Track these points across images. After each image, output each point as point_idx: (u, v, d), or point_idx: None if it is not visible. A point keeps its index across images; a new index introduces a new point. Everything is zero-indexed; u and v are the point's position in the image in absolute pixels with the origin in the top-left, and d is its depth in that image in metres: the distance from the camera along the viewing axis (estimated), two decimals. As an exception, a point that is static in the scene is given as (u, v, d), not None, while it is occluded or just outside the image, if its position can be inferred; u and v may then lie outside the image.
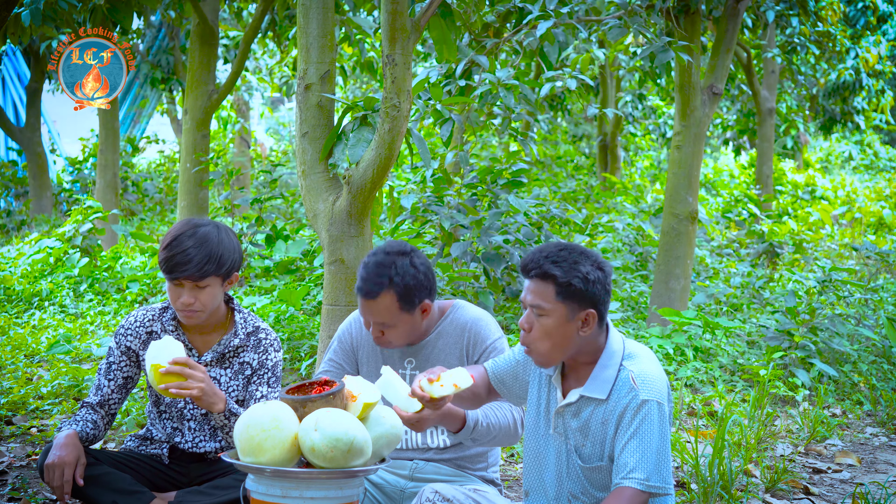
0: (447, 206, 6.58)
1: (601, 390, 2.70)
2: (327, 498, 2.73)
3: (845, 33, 11.73)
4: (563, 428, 2.79)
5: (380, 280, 3.12)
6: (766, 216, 12.12)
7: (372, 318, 3.14)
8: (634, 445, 2.62)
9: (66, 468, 3.07)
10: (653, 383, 2.68)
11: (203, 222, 3.24)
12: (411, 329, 3.19)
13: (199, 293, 3.18)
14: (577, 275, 2.64)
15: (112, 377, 3.33)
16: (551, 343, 2.68)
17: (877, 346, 6.76)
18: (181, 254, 3.14)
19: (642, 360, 2.73)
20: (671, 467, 2.68)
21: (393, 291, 3.11)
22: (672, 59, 5.55)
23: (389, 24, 4.14)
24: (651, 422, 2.63)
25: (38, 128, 12.77)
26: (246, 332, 3.33)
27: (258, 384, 3.31)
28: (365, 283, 3.13)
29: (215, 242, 3.19)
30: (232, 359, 3.32)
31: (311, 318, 6.82)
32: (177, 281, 3.17)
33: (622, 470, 2.63)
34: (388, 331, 3.15)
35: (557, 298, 2.65)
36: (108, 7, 5.80)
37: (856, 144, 21.60)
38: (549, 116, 15.10)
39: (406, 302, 3.13)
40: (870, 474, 4.65)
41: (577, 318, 2.67)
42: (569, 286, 2.64)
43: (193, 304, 3.18)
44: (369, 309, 3.13)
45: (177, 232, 3.19)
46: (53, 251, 8.85)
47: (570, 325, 2.67)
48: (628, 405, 2.66)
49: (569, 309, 2.66)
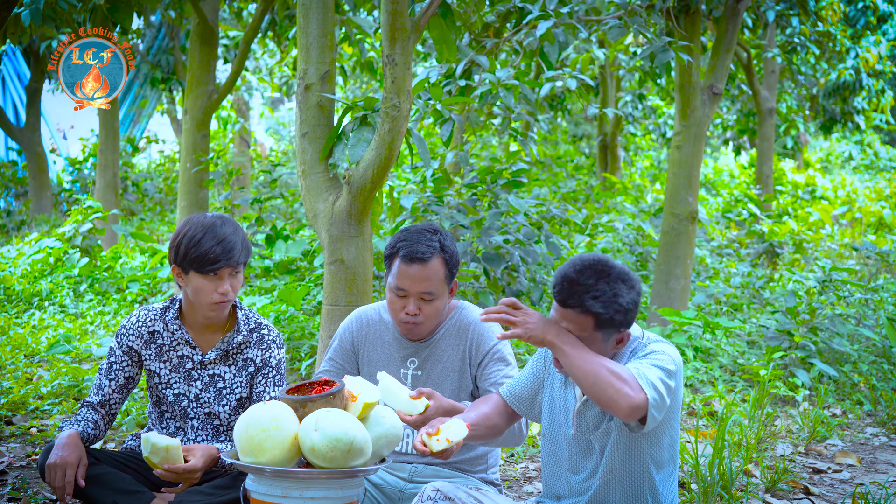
0: (447, 206, 6.58)
1: None
2: (327, 498, 2.73)
3: (845, 33, 11.73)
4: (584, 426, 2.80)
5: (430, 242, 3.07)
6: (766, 216, 12.12)
7: (421, 286, 3.06)
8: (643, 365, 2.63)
9: (67, 469, 3.07)
10: (661, 348, 2.71)
11: (217, 217, 3.26)
12: (444, 308, 3.15)
13: (233, 281, 3.21)
14: (618, 308, 2.64)
15: (113, 377, 3.33)
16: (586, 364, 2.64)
17: (877, 346, 6.77)
18: (225, 241, 3.15)
19: (658, 341, 2.76)
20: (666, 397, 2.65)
21: (442, 256, 3.09)
22: (672, 59, 5.55)
23: (389, 24, 4.14)
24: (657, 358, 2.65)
25: (38, 128, 12.77)
26: (248, 329, 3.34)
27: (265, 385, 3.31)
28: (416, 246, 3.05)
29: (240, 233, 3.23)
30: (235, 356, 3.33)
31: (311, 318, 6.83)
32: (217, 272, 3.17)
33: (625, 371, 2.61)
34: (427, 306, 3.09)
35: (596, 330, 2.67)
36: (108, 7, 5.80)
37: (856, 144, 21.59)
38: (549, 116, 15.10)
39: (451, 270, 3.11)
40: (870, 474, 4.65)
41: (613, 339, 2.71)
42: (611, 321, 2.65)
43: (229, 292, 3.20)
44: (419, 275, 3.05)
45: (206, 224, 3.18)
46: (53, 251, 8.85)
47: (606, 347, 2.70)
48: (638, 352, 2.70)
49: (605, 335, 2.69)
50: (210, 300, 3.20)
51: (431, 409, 2.88)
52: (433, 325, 3.16)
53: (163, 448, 3.04)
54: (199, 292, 3.20)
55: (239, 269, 3.22)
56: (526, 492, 4.24)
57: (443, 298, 3.13)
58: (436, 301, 3.11)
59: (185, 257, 3.17)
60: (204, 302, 3.21)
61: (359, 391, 2.89)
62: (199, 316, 3.27)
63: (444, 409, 2.92)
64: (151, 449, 3.04)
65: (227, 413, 3.32)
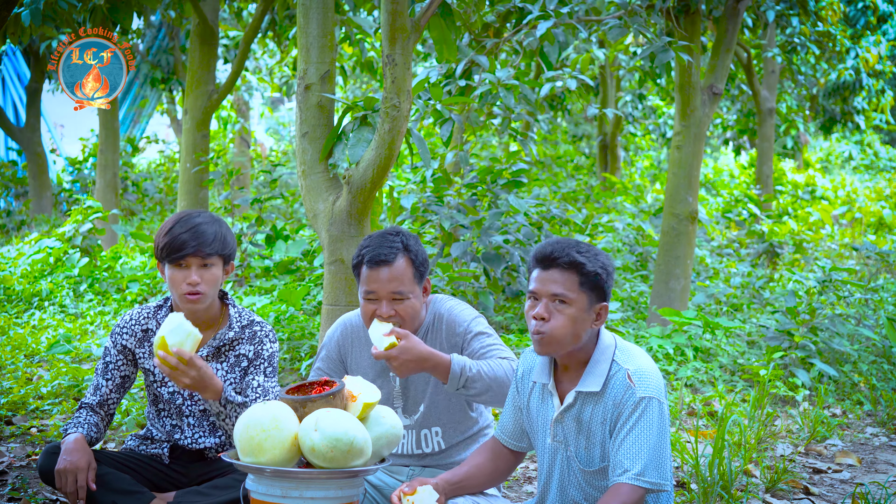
0: (447, 206, 6.58)
1: (595, 383, 2.71)
2: (327, 498, 2.73)
3: (845, 33, 11.73)
4: (562, 436, 2.80)
5: (393, 245, 3.11)
6: (766, 216, 12.13)
7: (389, 287, 3.09)
8: (630, 442, 2.62)
9: (78, 473, 3.07)
10: (650, 380, 2.68)
11: (197, 212, 3.28)
12: (419, 306, 3.16)
13: (204, 273, 3.20)
14: (600, 265, 2.68)
15: (110, 377, 3.33)
16: (569, 332, 2.69)
17: (877, 346, 6.76)
18: (193, 228, 3.17)
19: (636, 357, 2.73)
20: (670, 464, 2.67)
21: (407, 256, 3.12)
22: (672, 59, 5.55)
23: (389, 24, 4.14)
24: (649, 418, 2.63)
25: (38, 128, 12.77)
26: (241, 325, 3.33)
27: (255, 374, 3.30)
28: (378, 250, 3.10)
29: (215, 226, 3.24)
30: (227, 352, 3.32)
31: (311, 318, 6.82)
32: (184, 261, 3.17)
33: (618, 468, 2.63)
34: (400, 307, 3.11)
35: (581, 288, 2.67)
36: (108, 7, 5.80)
37: (856, 144, 21.59)
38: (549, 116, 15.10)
39: (418, 269, 3.14)
40: (870, 474, 4.65)
41: (593, 309, 2.70)
42: (595, 276, 2.67)
43: (199, 284, 3.18)
44: (386, 276, 3.09)
45: (175, 219, 3.23)
46: (53, 251, 8.85)
47: (587, 317, 2.70)
48: (625, 403, 2.66)
49: (589, 299, 2.69)
50: (180, 291, 3.20)
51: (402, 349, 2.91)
52: (413, 325, 3.16)
53: (186, 332, 3.03)
54: (171, 283, 3.22)
55: (210, 262, 3.20)
56: (526, 492, 4.24)
57: (416, 298, 3.14)
58: (408, 301, 3.12)
59: (160, 247, 3.20)
60: (177, 294, 3.22)
61: (359, 391, 2.89)
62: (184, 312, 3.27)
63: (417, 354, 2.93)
64: (176, 328, 3.01)
65: None
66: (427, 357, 2.95)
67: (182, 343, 3.03)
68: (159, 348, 3.02)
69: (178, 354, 3.01)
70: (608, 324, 7.03)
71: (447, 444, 3.25)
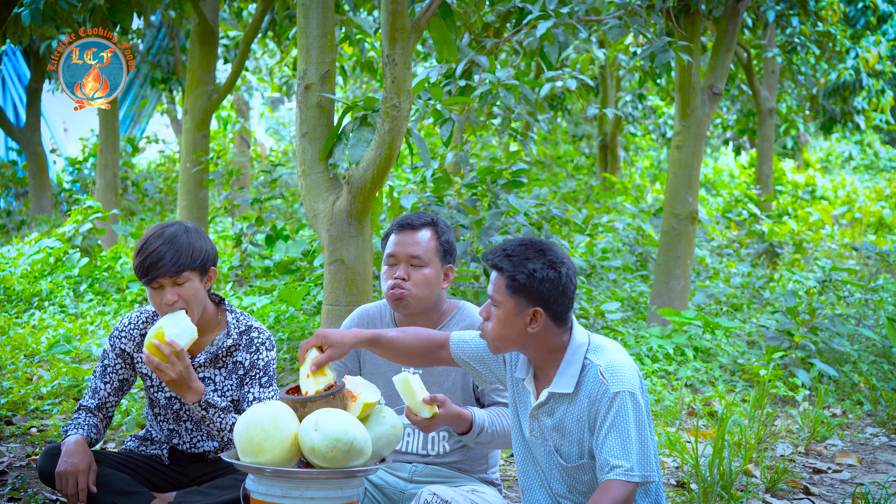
0: (447, 206, 6.58)
1: (567, 385, 2.71)
2: (327, 498, 2.73)
3: (845, 33, 11.73)
4: (539, 431, 2.81)
5: (422, 216, 3.20)
6: (766, 216, 12.12)
7: (409, 249, 3.15)
8: (613, 438, 2.63)
9: (79, 476, 3.07)
10: (622, 374, 2.68)
11: (171, 224, 3.26)
12: (435, 283, 3.18)
13: (180, 290, 3.17)
14: (523, 270, 2.68)
15: (108, 380, 3.32)
16: (501, 334, 2.72)
17: (877, 346, 6.76)
18: (153, 253, 3.15)
19: (608, 351, 2.74)
20: (655, 454, 2.68)
21: (434, 229, 3.20)
22: (672, 59, 5.55)
23: (389, 24, 4.14)
24: (626, 413, 2.64)
25: (38, 128, 12.77)
26: (238, 332, 3.32)
27: (250, 385, 3.29)
28: (405, 217, 3.20)
29: (184, 238, 3.21)
30: (225, 359, 3.32)
31: (311, 318, 6.82)
32: (155, 283, 3.17)
33: (605, 465, 2.63)
34: (416, 273, 3.14)
35: (507, 292, 2.70)
36: (108, 7, 5.80)
37: (856, 144, 21.58)
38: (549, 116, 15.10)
39: (443, 245, 3.19)
40: (870, 474, 4.65)
41: (524, 313, 2.70)
42: (513, 279, 2.69)
43: (177, 301, 3.17)
44: (406, 240, 3.17)
45: (146, 237, 3.22)
46: (53, 251, 8.84)
47: (518, 320, 2.71)
48: (600, 400, 2.67)
49: (517, 303, 2.70)
50: (161, 312, 3.21)
51: (440, 417, 2.90)
52: (422, 296, 3.17)
53: (185, 327, 3.04)
54: (151, 303, 3.23)
55: (183, 279, 3.17)
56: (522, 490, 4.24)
57: (433, 271, 3.18)
58: (425, 269, 3.16)
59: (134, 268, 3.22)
60: (160, 312, 3.22)
61: (359, 391, 2.89)
62: None
63: (451, 416, 2.94)
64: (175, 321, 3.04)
65: None
66: (456, 417, 2.96)
67: (178, 336, 3.05)
68: (154, 337, 3.04)
69: (172, 345, 3.03)
70: (608, 324, 7.04)
71: (451, 448, 3.26)
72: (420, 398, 2.85)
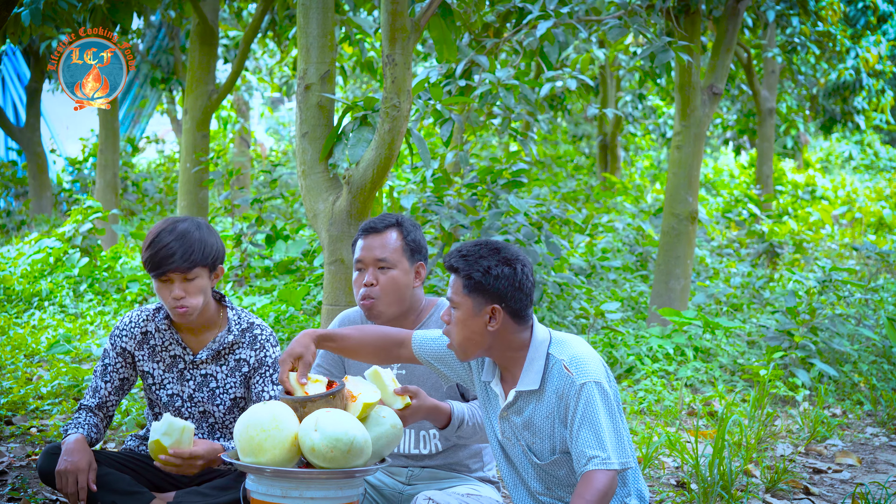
0: (447, 206, 6.58)
1: (533, 381, 2.73)
2: (327, 498, 2.73)
3: (845, 33, 11.73)
4: (510, 432, 2.82)
5: (386, 219, 3.19)
6: (766, 216, 12.13)
7: (375, 253, 3.14)
8: (586, 430, 2.64)
9: (79, 475, 3.07)
10: (585, 365, 2.69)
11: (182, 219, 3.26)
12: (404, 285, 3.17)
13: (189, 286, 3.18)
14: (478, 269, 2.70)
15: (108, 379, 3.32)
16: (463, 335, 2.74)
17: (877, 346, 6.76)
18: (165, 248, 3.15)
19: (571, 345, 2.75)
20: (629, 441, 2.70)
21: (399, 230, 3.18)
22: (672, 59, 5.55)
23: (389, 24, 4.14)
24: (594, 402, 2.65)
25: (38, 128, 12.77)
26: (240, 329, 3.33)
27: (263, 385, 3.30)
28: (369, 221, 3.19)
29: (196, 234, 3.21)
30: (227, 356, 3.32)
31: (311, 318, 6.82)
32: (165, 277, 3.17)
33: (582, 458, 2.64)
34: (384, 276, 3.14)
35: (464, 291, 2.72)
36: (108, 7, 5.80)
37: (856, 144, 21.58)
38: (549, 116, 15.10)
39: (409, 245, 3.18)
40: (870, 474, 4.65)
41: (482, 311, 2.72)
42: (469, 278, 2.71)
43: (184, 297, 3.18)
44: (371, 244, 3.16)
45: (157, 230, 3.22)
46: (53, 251, 8.84)
47: (478, 319, 2.72)
48: (568, 393, 2.69)
49: (475, 303, 2.71)
50: (168, 306, 3.22)
51: (413, 408, 2.89)
52: (391, 298, 3.16)
53: (179, 429, 3.04)
54: (158, 296, 3.23)
55: (193, 275, 3.18)
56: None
57: (401, 272, 3.17)
58: (392, 272, 3.15)
59: (143, 261, 3.22)
60: (166, 306, 3.23)
61: (359, 391, 2.89)
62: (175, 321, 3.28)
63: (427, 408, 2.93)
64: (168, 428, 3.03)
65: (222, 412, 3.32)
66: (433, 409, 2.95)
67: (179, 441, 3.04)
68: (158, 452, 3.04)
69: (178, 454, 3.03)
70: (608, 324, 7.04)
71: (444, 447, 3.25)
72: (391, 390, 2.86)
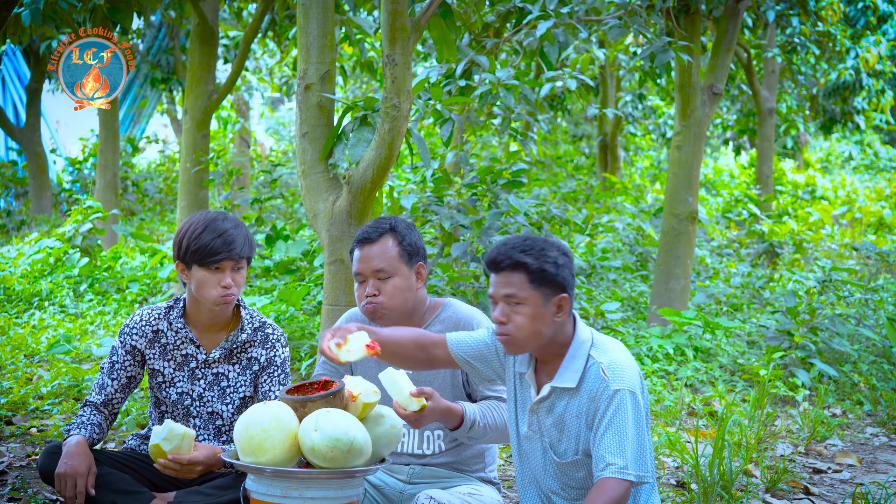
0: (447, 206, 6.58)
1: (571, 379, 2.73)
2: (327, 498, 2.73)
3: (845, 33, 11.73)
4: (537, 425, 2.81)
5: (379, 226, 3.16)
6: (766, 216, 12.12)
7: (372, 264, 3.12)
8: (611, 436, 2.64)
9: (78, 479, 3.07)
10: (623, 373, 2.69)
11: (221, 214, 3.29)
12: (407, 289, 3.16)
13: (236, 276, 3.23)
14: (547, 261, 2.70)
15: (116, 376, 3.33)
16: (531, 329, 2.72)
17: (877, 346, 6.76)
18: (225, 233, 3.18)
19: (611, 350, 2.75)
20: (651, 456, 2.69)
21: (393, 236, 3.16)
22: (672, 59, 5.55)
23: (389, 24, 4.14)
24: (624, 411, 2.65)
25: (38, 128, 12.77)
26: (253, 328, 3.34)
27: (270, 385, 3.32)
28: (363, 231, 3.17)
29: (243, 229, 3.26)
30: (240, 354, 3.33)
31: (311, 318, 6.83)
32: (218, 265, 3.18)
33: (600, 462, 2.64)
34: (385, 285, 3.12)
35: (531, 286, 2.70)
36: (108, 7, 5.80)
37: (856, 144, 21.58)
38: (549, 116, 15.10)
39: (406, 249, 3.15)
40: (870, 474, 4.65)
41: (551, 303, 2.71)
42: (542, 272, 2.69)
43: (232, 287, 3.21)
44: (368, 255, 3.13)
45: (209, 218, 3.22)
46: (53, 251, 8.85)
47: (546, 312, 2.72)
48: (600, 396, 2.69)
49: (543, 295, 2.71)
50: (213, 294, 3.21)
51: (429, 410, 2.87)
52: (395, 305, 3.15)
53: (179, 435, 3.04)
54: (202, 286, 3.21)
55: (241, 265, 3.24)
56: (522, 490, 4.24)
57: (402, 278, 3.15)
58: (393, 279, 3.14)
59: (188, 251, 3.20)
60: (208, 296, 3.22)
61: (359, 391, 2.89)
62: (205, 313, 3.28)
63: (441, 410, 2.92)
64: (168, 434, 3.03)
65: (230, 412, 3.32)
66: (446, 411, 2.94)
67: (179, 448, 3.04)
68: (157, 456, 3.05)
69: (177, 460, 3.03)
70: (608, 324, 7.04)
71: (447, 447, 3.25)
72: (407, 392, 2.85)
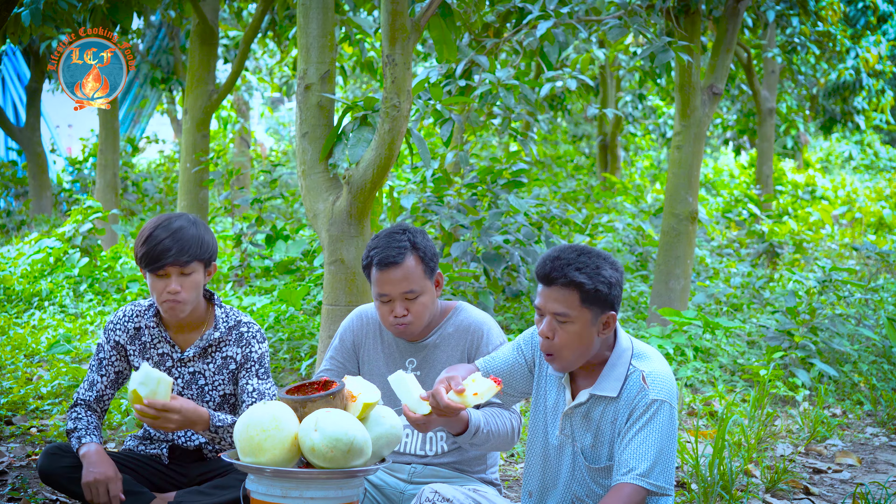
0: (447, 206, 6.58)
1: (612, 388, 2.72)
2: (327, 498, 2.73)
3: (845, 33, 11.73)
4: (570, 430, 2.80)
5: (401, 244, 3.12)
6: (766, 216, 12.12)
7: (401, 287, 3.10)
8: (637, 443, 2.63)
9: (110, 484, 3.07)
10: (663, 384, 2.70)
11: (178, 216, 3.27)
12: (432, 303, 3.17)
13: (184, 281, 3.19)
14: (601, 280, 2.66)
15: (104, 373, 3.34)
16: (576, 349, 2.69)
17: (877, 346, 6.76)
18: (163, 241, 3.16)
19: (652, 360, 2.75)
20: (673, 469, 2.68)
21: (416, 254, 3.13)
22: (672, 59, 5.55)
23: (389, 24, 4.14)
24: (658, 421, 2.65)
25: (38, 128, 12.77)
26: (227, 326, 3.33)
27: (248, 378, 3.30)
28: (386, 251, 3.11)
29: (192, 230, 3.22)
30: (214, 353, 3.33)
31: (311, 318, 6.82)
32: (161, 271, 3.17)
33: (623, 467, 2.63)
34: (413, 304, 3.12)
35: (583, 305, 2.67)
36: (108, 7, 5.80)
37: (856, 144, 21.59)
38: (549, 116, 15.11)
39: (428, 264, 3.15)
40: (870, 474, 4.65)
41: (599, 321, 2.70)
42: (596, 292, 2.65)
43: (180, 292, 3.18)
44: (397, 277, 3.09)
45: (153, 225, 3.22)
46: (53, 251, 8.84)
47: (593, 330, 2.70)
48: (637, 404, 2.68)
49: (592, 314, 2.68)
50: (161, 299, 3.21)
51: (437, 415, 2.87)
52: (424, 321, 3.17)
53: (155, 379, 2.98)
54: (152, 291, 3.22)
55: (190, 269, 3.19)
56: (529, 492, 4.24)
57: (428, 294, 3.16)
58: (421, 297, 3.14)
59: (137, 257, 3.21)
60: (158, 301, 3.22)
61: (359, 391, 2.89)
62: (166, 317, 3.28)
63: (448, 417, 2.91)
64: (144, 378, 2.97)
65: (212, 409, 3.31)
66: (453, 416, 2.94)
67: (154, 392, 2.98)
68: (134, 402, 3.00)
69: (152, 405, 2.98)
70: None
71: (449, 448, 3.26)
72: (416, 395, 2.85)
